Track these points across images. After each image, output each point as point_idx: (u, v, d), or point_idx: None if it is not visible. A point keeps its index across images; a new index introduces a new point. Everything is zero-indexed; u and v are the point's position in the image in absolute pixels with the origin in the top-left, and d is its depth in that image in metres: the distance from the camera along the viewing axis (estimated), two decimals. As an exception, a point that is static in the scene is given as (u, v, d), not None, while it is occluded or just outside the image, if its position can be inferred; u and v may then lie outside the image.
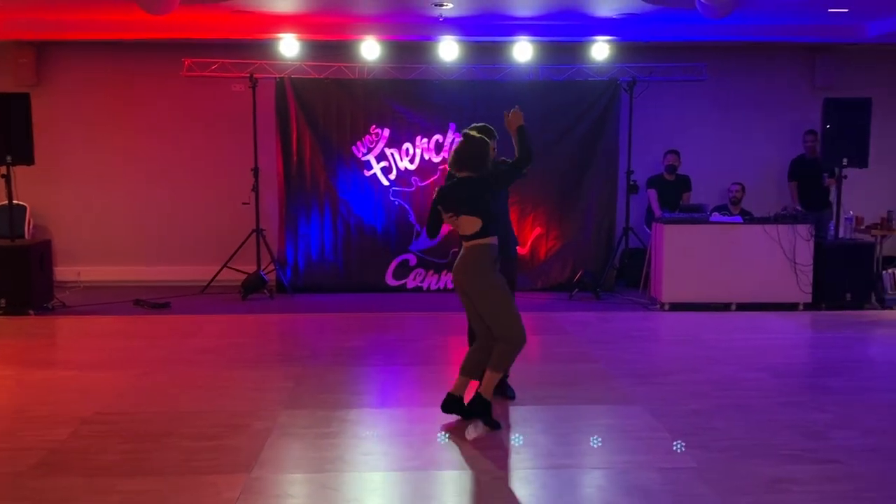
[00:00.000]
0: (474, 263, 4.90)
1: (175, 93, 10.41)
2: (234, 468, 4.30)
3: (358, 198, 9.94)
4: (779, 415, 5.22)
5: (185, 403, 5.47)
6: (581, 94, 9.94)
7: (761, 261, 8.75)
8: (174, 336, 7.51)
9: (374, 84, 9.88)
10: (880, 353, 7.22)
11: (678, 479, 4.18)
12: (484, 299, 4.90)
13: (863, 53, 10.82)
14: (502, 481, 4.20)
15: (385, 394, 6.01)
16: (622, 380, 6.01)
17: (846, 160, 9.00)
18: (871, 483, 4.13)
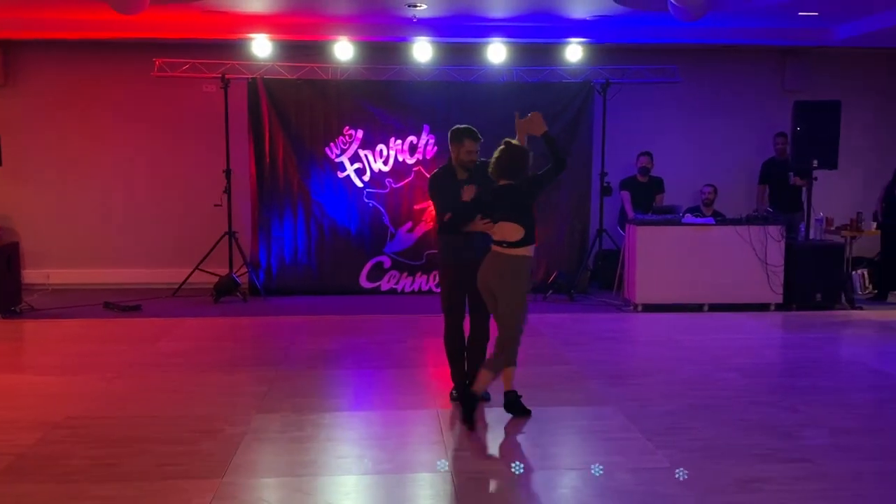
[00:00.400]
0: (512, 271, 5.03)
1: (146, 93, 10.32)
2: (207, 473, 4.26)
3: (331, 199, 9.91)
4: (750, 415, 5.28)
5: (156, 408, 5.42)
6: (555, 95, 9.98)
7: (733, 262, 8.84)
8: (145, 339, 7.44)
9: (347, 85, 9.86)
10: (850, 353, 7.32)
11: (651, 479, 4.22)
12: (507, 303, 5.05)
13: (832, 56, 10.99)
14: (477, 483, 4.21)
15: (359, 397, 6.00)
16: (596, 381, 6.05)
17: (816, 162, 9.13)
18: (840, 482, 4.19)
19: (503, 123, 9.94)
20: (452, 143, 5.42)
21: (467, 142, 5.35)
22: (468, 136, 5.37)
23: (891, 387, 6.02)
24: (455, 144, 5.40)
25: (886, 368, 6.52)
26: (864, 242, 10.20)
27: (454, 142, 5.41)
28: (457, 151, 5.39)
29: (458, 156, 5.38)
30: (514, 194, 5.06)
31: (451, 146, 5.43)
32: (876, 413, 5.45)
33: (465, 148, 5.34)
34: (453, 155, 5.43)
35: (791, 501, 3.93)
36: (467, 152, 5.34)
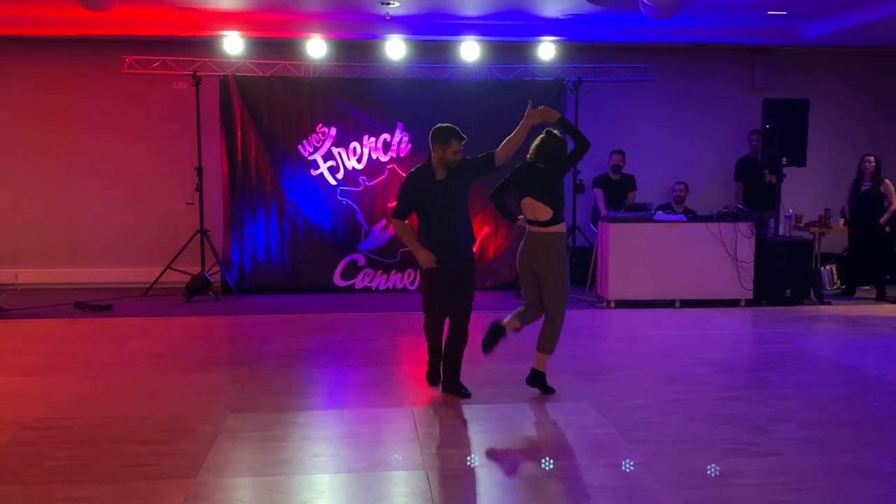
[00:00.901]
0: (550, 248, 5.45)
1: (116, 91, 10.21)
2: (180, 473, 4.23)
3: (304, 197, 9.87)
4: (721, 409, 5.34)
5: (128, 408, 5.37)
6: (528, 93, 9.83)
7: (704, 258, 8.93)
8: (117, 339, 7.37)
9: (320, 82, 9.82)
10: (818, 347, 7.43)
11: (625, 474, 4.24)
12: (551, 282, 5.45)
13: (801, 55, 11.12)
14: (452, 480, 4.21)
15: (334, 395, 5.98)
16: (569, 377, 6.08)
17: (785, 159, 9.25)
18: (809, 475, 4.24)
19: (477, 121, 10.07)
20: (437, 142, 5.34)
21: (454, 142, 5.30)
22: (455, 136, 5.31)
23: (859, 381, 6.12)
24: (440, 145, 5.32)
25: (854, 363, 6.62)
26: (832, 239, 10.35)
27: (439, 142, 5.33)
28: (441, 151, 5.32)
29: (443, 155, 5.32)
30: (547, 175, 5.50)
31: (435, 146, 5.35)
32: (845, 407, 5.53)
33: (451, 148, 5.29)
34: (437, 154, 5.36)
35: (761, 495, 3.98)
36: (454, 152, 5.30)
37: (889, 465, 4.39)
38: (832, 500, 3.92)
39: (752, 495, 3.97)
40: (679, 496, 3.96)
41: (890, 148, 10.67)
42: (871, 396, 5.71)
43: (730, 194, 10.64)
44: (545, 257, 5.47)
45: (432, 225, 5.43)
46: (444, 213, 5.40)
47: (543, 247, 5.49)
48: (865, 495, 3.98)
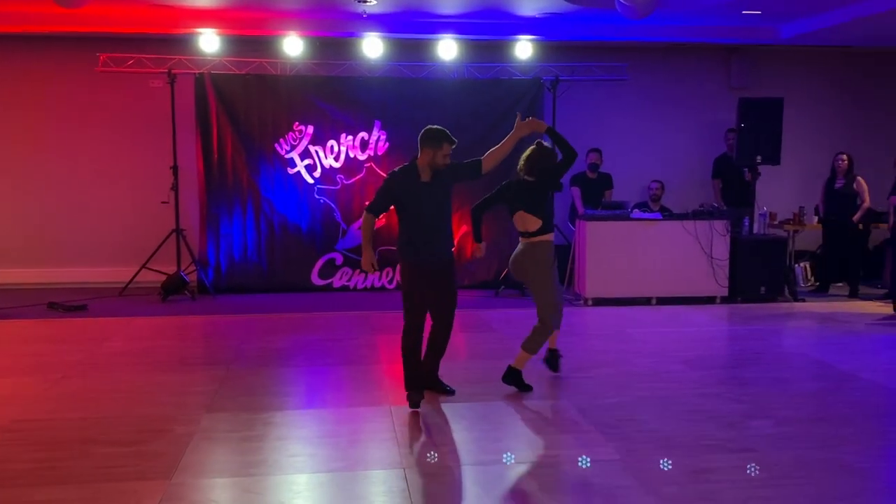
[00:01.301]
0: (536, 257, 5.62)
1: (90, 89, 10.11)
2: (155, 474, 4.19)
3: (281, 196, 9.81)
4: (698, 406, 5.37)
5: (102, 409, 5.31)
6: (505, 92, 10.02)
7: (680, 256, 8.98)
8: (91, 340, 7.29)
9: (297, 80, 9.77)
10: (793, 344, 7.49)
11: (602, 471, 4.26)
12: (538, 287, 5.65)
13: (776, 54, 11.22)
14: (431, 479, 4.20)
15: (311, 395, 5.95)
16: (547, 375, 6.09)
17: (760, 158, 9.33)
18: (784, 470, 4.28)
19: (455, 119, 10.05)
20: (428, 145, 5.25)
21: (445, 145, 5.25)
22: (447, 139, 5.25)
23: (832, 377, 6.18)
24: (431, 148, 5.24)
25: (828, 359, 6.69)
26: (806, 236, 10.46)
27: (430, 145, 5.25)
28: (432, 154, 5.24)
29: (432, 158, 5.25)
30: (532, 189, 5.62)
31: (425, 148, 5.26)
32: (818, 402, 5.58)
33: (442, 151, 5.24)
34: (426, 157, 5.26)
35: (737, 490, 4.01)
36: (444, 156, 5.25)
37: (863, 460, 4.44)
38: (807, 496, 3.95)
39: (728, 491, 4.00)
40: (657, 492, 3.98)
41: (863, 146, 10.79)
42: (844, 392, 5.76)
43: (706, 193, 10.72)
44: (533, 267, 5.64)
45: (414, 226, 5.34)
46: (427, 215, 5.33)
47: (531, 258, 5.64)
48: (840, 490, 4.02)
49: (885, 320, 8.34)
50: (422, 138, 5.30)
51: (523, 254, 5.71)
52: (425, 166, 5.30)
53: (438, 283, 5.41)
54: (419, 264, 5.32)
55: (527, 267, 5.69)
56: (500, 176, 9.93)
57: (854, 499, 3.94)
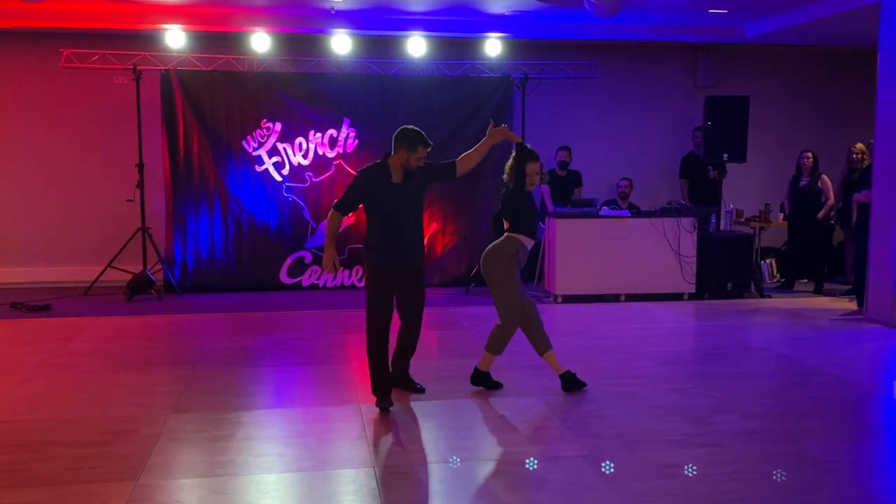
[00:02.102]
0: (495, 255, 5.56)
1: (54, 85, 9.97)
2: (121, 476, 4.14)
3: (249, 194, 9.74)
4: (665, 401, 5.43)
5: (67, 410, 5.24)
6: (474, 89, 10.04)
7: (648, 253, 9.06)
8: (55, 340, 7.19)
9: (264, 77, 9.71)
10: (758, 339, 7.60)
11: (571, 467, 4.29)
12: (495, 286, 5.53)
13: (741, 53, 11.36)
14: (400, 477, 4.21)
15: (279, 394, 5.91)
16: (517, 372, 6.11)
17: (726, 155, 9.44)
18: (751, 464, 4.33)
19: (424, 116, 10.04)
20: (403, 146, 5.14)
21: (421, 148, 5.14)
22: (423, 142, 5.15)
23: (798, 371, 6.27)
24: (406, 150, 5.14)
25: (793, 354, 6.79)
26: (771, 233, 10.60)
27: (405, 146, 5.14)
28: (406, 156, 5.13)
29: (406, 160, 5.14)
30: (508, 192, 5.64)
31: (400, 149, 5.15)
32: (784, 397, 5.67)
33: (417, 154, 5.13)
34: (399, 157, 5.15)
35: (704, 485, 4.05)
36: (418, 159, 5.15)
37: (828, 452, 4.51)
38: (773, 488, 4.01)
39: (695, 485, 4.04)
40: (624, 488, 4.01)
41: (828, 145, 10.95)
42: (809, 386, 5.85)
43: (673, 190, 10.84)
44: (493, 262, 5.57)
45: (384, 229, 5.21)
46: (397, 218, 5.20)
47: (493, 252, 5.59)
48: (805, 482, 4.08)
49: (849, 316, 8.48)
50: (397, 138, 5.19)
51: (488, 249, 5.66)
52: (398, 167, 5.19)
53: (407, 289, 5.33)
54: (386, 270, 5.20)
55: (487, 261, 5.60)
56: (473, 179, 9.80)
57: (818, 491, 4.00)
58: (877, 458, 4.61)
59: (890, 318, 7.88)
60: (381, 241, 5.21)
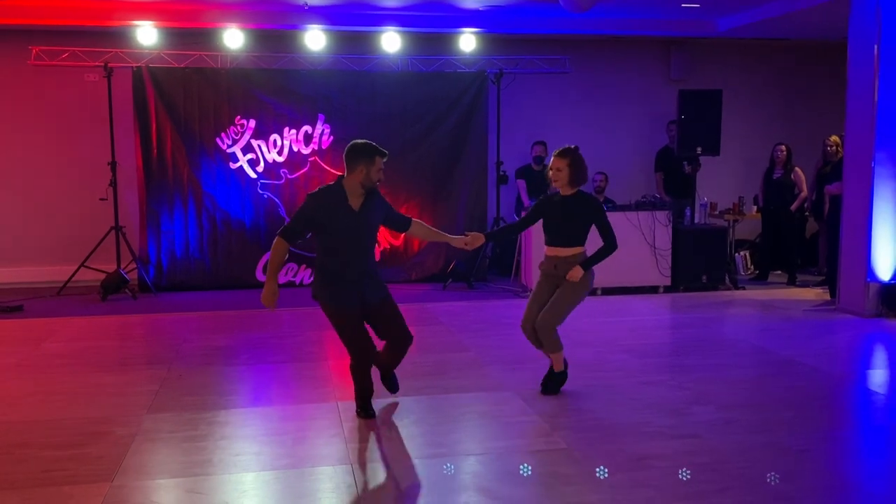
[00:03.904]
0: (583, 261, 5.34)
1: (23, 83, 9.86)
2: (95, 477, 4.10)
3: (224, 191, 9.68)
4: (642, 394, 5.46)
5: (40, 412, 5.18)
6: (449, 85, 10.04)
7: (624, 247, 8.97)
8: (28, 341, 7.10)
9: (238, 73, 9.64)
10: (733, 331, 7.66)
11: (549, 460, 4.30)
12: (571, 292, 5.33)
13: (714, 47, 11.44)
14: (378, 474, 4.20)
15: (256, 393, 5.88)
16: (494, 367, 6.13)
17: (700, 149, 9.50)
18: (726, 455, 4.37)
19: (400, 112, 10.02)
20: (359, 160, 4.66)
21: (378, 159, 4.69)
22: (378, 152, 4.70)
23: (772, 362, 6.33)
24: (364, 163, 4.66)
25: (768, 345, 6.85)
26: (745, 225, 10.69)
27: (362, 159, 4.66)
28: (366, 170, 4.66)
29: (366, 175, 4.67)
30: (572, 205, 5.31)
31: (358, 165, 4.66)
32: (759, 388, 5.71)
33: (376, 166, 4.68)
34: (357, 175, 4.68)
35: (681, 476, 4.08)
36: (378, 170, 4.70)
37: (801, 441, 4.56)
38: (747, 479, 4.04)
39: (672, 477, 4.06)
40: (601, 481, 4.03)
41: (803, 137, 11.05)
42: (783, 377, 5.91)
43: (648, 184, 10.89)
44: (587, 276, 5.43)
45: (340, 260, 4.74)
46: (353, 247, 4.75)
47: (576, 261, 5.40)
48: (779, 471, 4.12)
49: (822, 306, 8.57)
50: (350, 155, 4.70)
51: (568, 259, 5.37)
52: (356, 188, 4.70)
53: (379, 321, 4.91)
54: (343, 308, 4.77)
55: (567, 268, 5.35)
56: (423, 166, 9.90)
57: (793, 480, 4.04)
58: (850, 447, 4.67)
59: (862, 308, 7.98)
60: (335, 275, 4.74)
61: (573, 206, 5.28)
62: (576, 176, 5.25)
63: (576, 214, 5.28)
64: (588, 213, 5.30)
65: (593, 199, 5.40)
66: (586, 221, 5.32)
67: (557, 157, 5.26)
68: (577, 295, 5.37)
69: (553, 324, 5.31)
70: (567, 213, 5.28)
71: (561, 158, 5.25)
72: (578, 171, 5.25)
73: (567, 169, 5.22)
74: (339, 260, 4.74)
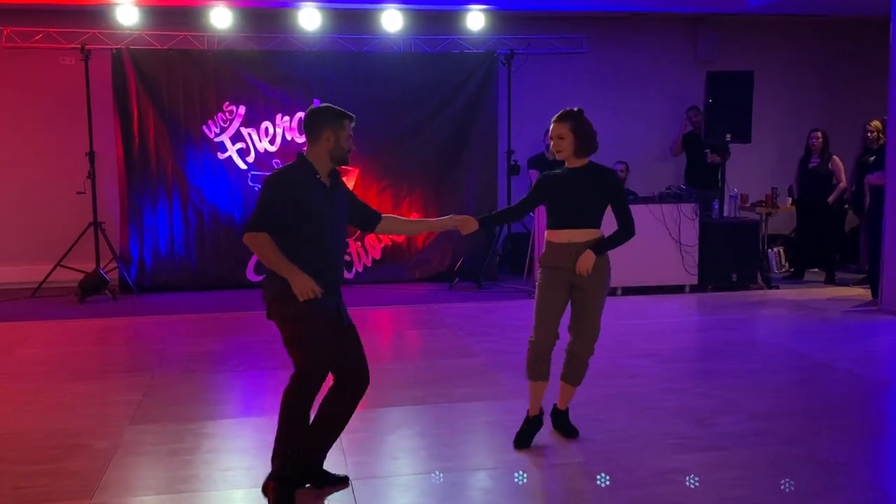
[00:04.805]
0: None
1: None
2: (73, 495, 4.12)
3: (211, 184, 9.70)
4: (665, 402, 5.46)
5: (12, 423, 5.21)
6: (456, 67, 10.04)
7: (647, 242, 9.03)
8: (0, 347, 7.13)
9: (226, 55, 9.66)
10: (765, 334, 7.66)
11: (564, 475, 4.31)
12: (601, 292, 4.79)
13: (744, 25, 11.40)
14: (380, 489, 4.21)
15: (247, 402, 5.91)
16: (504, 374, 6.13)
17: (729, 135, 9.46)
18: (758, 469, 4.37)
19: (401, 97, 9.99)
20: (322, 125, 4.08)
21: (347, 122, 4.12)
22: (346, 116, 4.13)
23: (807, 368, 6.33)
24: (329, 128, 4.07)
25: (802, 349, 6.84)
26: (779, 219, 10.66)
27: (327, 124, 4.07)
28: (333, 136, 4.06)
29: (335, 143, 4.06)
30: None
31: (320, 130, 4.07)
32: (793, 395, 5.71)
33: (346, 132, 4.10)
34: (325, 145, 4.07)
35: (708, 492, 4.08)
36: (348, 137, 4.12)
37: (839, 453, 4.55)
38: (783, 494, 4.04)
39: (698, 493, 4.07)
40: (621, 496, 4.03)
41: (839, 123, 11.01)
42: (820, 384, 5.91)
43: (674, 174, 10.87)
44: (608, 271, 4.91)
45: (317, 253, 4.04)
46: (332, 236, 4.13)
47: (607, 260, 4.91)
48: (815, 487, 4.11)
49: (863, 307, 8.56)
50: (312, 121, 4.13)
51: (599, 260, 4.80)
52: (324, 160, 4.10)
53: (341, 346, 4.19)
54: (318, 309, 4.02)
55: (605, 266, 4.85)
56: (427, 156, 9.85)
57: (829, 496, 4.04)
58: (892, 459, 4.66)
59: (906, 308, 7.97)
60: (314, 271, 3.99)
61: (589, 179, 4.65)
62: (584, 143, 4.60)
63: (594, 188, 4.65)
64: (608, 189, 4.70)
65: (612, 173, 4.84)
66: (605, 199, 4.73)
67: (558, 123, 4.62)
68: (604, 294, 4.82)
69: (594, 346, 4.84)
70: (582, 187, 4.63)
71: (562, 123, 4.60)
72: (587, 137, 4.61)
73: (571, 135, 4.58)
74: (316, 252, 4.02)
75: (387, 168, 9.89)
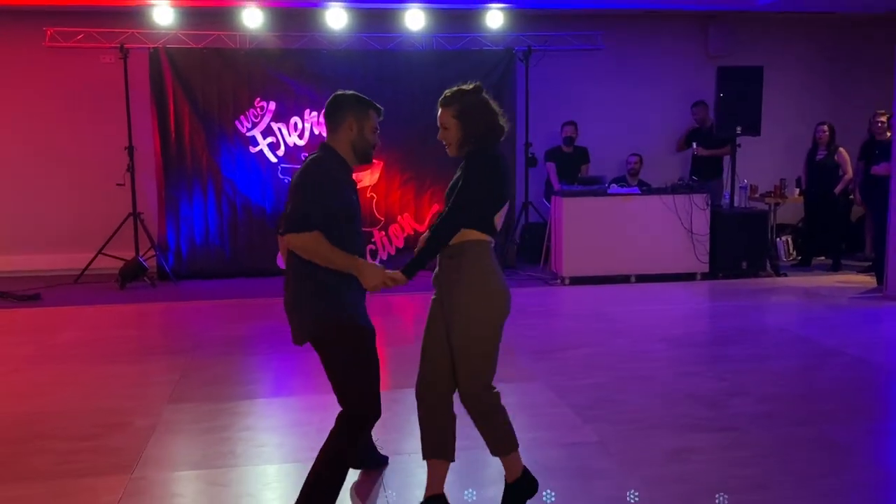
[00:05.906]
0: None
1: (38, 65, 9.94)
2: (115, 469, 4.16)
3: (244, 176, 9.73)
4: (678, 385, 5.43)
5: (58, 403, 5.26)
6: (476, 64, 9.97)
7: (659, 232, 9.04)
8: (45, 330, 7.21)
9: (257, 54, 9.67)
10: (774, 320, 7.59)
11: (581, 454, 4.30)
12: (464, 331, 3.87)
13: (754, 21, 11.28)
14: (403, 466, 4.22)
15: (277, 383, 5.93)
16: (523, 356, 6.12)
17: (740, 129, 9.39)
18: (767, 448, 4.34)
19: (423, 93, 9.97)
20: (344, 113, 3.58)
21: (372, 113, 3.64)
22: (373, 106, 3.66)
23: (815, 353, 6.27)
24: (352, 115, 3.57)
25: (811, 335, 6.78)
26: (787, 209, 10.57)
27: (349, 111, 3.58)
28: (356, 125, 3.57)
29: (358, 132, 3.58)
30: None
31: (342, 118, 3.57)
32: (802, 379, 5.66)
33: (371, 123, 3.62)
34: (345, 133, 3.57)
35: (719, 470, 4.06)
36: (373, 130, 3.64)
37: (847, 435, 4.51)
38: (790, 474, 4.01)
39: (709, 471, 4.05)
40: (635, 474, 4.02)
41: (846, 116, 10.88)
42: (828, 368, 5.85)
43: (685, 166, 10.79)
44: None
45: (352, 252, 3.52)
46: (360, 234, 3.73)
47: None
48: (823, 466, 4.08)
49: (869, 293, 8.47)
50: (334, 108, 3.62)
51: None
52: (347, 152, 3.60)
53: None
54: (370, 334, 3.76)
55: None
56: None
57: (837, 475, 4.00)
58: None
59: (911, 295, 7.88)
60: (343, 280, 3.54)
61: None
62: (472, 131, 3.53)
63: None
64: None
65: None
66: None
67: (441, 109, 3.54)
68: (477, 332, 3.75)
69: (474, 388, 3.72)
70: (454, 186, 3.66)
71: (445, 109, 3.52)
72: (476, 123, 3.54)
73: (455, 124, 3.51)
74: (351, 251, 3.51)
75: (409, 161, 9.87)
